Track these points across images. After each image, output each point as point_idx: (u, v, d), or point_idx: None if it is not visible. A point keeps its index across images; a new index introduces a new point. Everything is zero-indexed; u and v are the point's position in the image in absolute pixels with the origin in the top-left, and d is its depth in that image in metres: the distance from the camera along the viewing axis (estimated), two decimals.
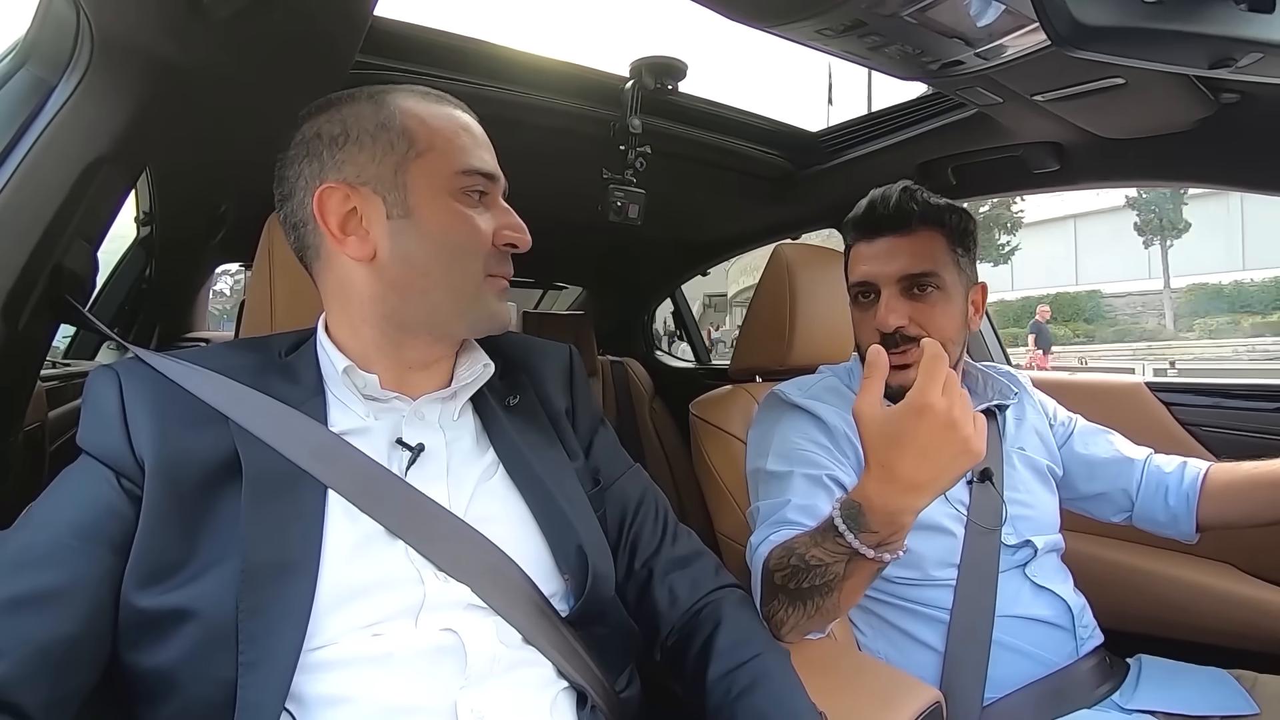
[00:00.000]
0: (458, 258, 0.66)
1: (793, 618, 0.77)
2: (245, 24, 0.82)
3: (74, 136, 0.75)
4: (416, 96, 0.69)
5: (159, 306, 2.05)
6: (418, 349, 0.70)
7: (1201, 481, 0.99)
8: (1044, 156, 1.25)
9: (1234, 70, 0.74)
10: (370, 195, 0.65)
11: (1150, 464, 1.05)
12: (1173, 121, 1.05)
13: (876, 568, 0.72)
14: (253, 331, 0.85)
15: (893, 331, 0.95)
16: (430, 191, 0.65)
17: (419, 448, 0.66)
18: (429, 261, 0.66)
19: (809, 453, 0.97)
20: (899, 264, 0.97)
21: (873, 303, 1.00)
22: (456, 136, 0.67)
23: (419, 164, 0.65)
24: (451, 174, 0.66)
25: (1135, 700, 0.91)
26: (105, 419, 0.59)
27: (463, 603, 0.60)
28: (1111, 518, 1.08)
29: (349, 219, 0.66)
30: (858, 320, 1.04)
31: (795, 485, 0.93)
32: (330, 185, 0.65)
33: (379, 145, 0.65)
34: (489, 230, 0.68)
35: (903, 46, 0.88)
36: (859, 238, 1.03)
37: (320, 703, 0.54)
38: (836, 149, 1.54)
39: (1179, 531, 1.01)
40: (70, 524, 0.55)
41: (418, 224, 0.65)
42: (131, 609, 0.54)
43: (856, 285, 1.02)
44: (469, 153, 0.67)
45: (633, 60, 1.23)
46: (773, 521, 0.90)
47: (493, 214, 0.69)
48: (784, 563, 0.77)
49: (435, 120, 0.67)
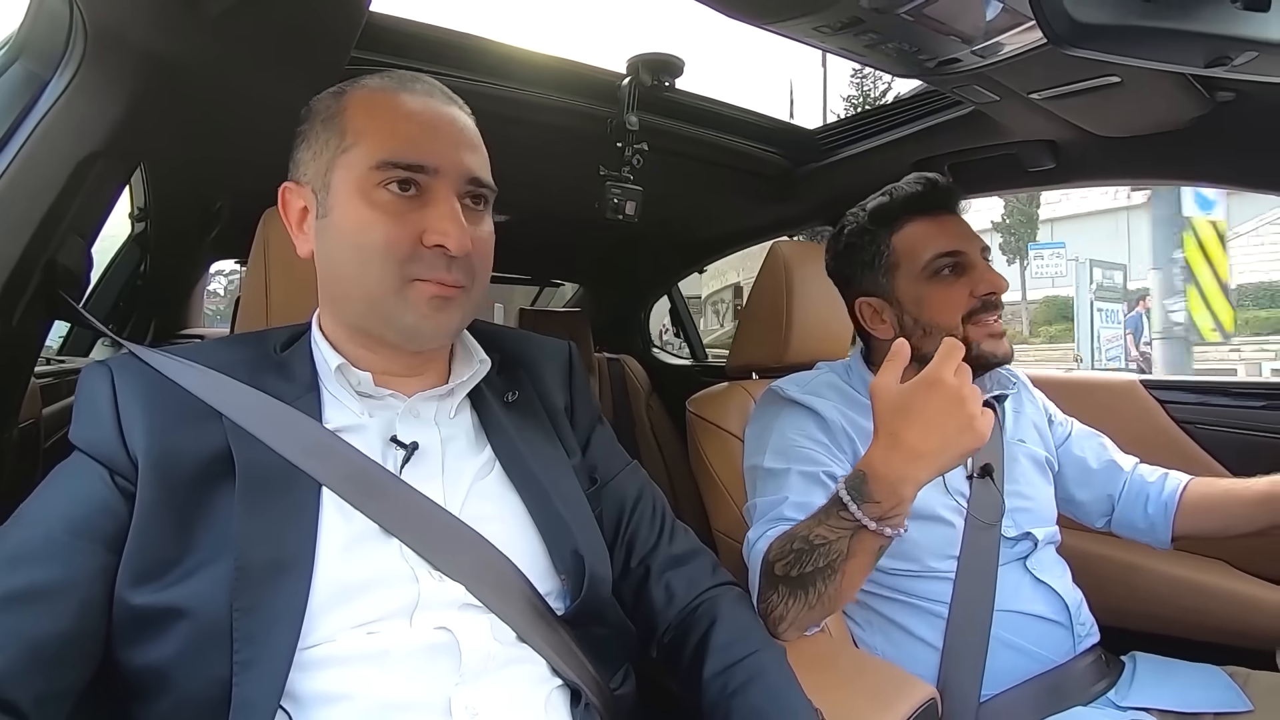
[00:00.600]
0: (366, 261, 0.61)
1: (792, 610, 0.77)
2: (240, 19, 0.82)
3: (68, 131, 0.75)
4: (379, 82, 0.66)
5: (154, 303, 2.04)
6: (383, 352, 0.68)
7: (1180, 493, 1.02)
8: (1040, 154, 1.26)
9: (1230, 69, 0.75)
10: (310, 194, 0.66)
11: (1135, 472, 1.08)
12: (1168, 120, 1.05)
13: (879, 545, 0.74)
14: (248, 327, 0.84)
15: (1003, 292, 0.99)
16: (346, 188, 0.62)
17: (413, 445, 0.65)
18: (342, 265, 0.64)
19: (806, 450, 0.97)
20: (976, 237, 1.02)
21: (959, 274, 0.99)
22: (390, 124, 0.62)
23: (344, 159, 0.63)
24: (365, 168, 0.61)
25: (1130, 698, 0.92)
26: (98, 415, 0.59)
27: (458, 601, 0.60)
28: (1094, 522, 1.10)
29: (301, 217, 0.67)
30: (941, 295, 0.99)
31: (792, 483, 0.93)
32: (288, 184, 0.67)
33: (319, 141, 0.65)
34: (406, 231, 0.61)
35: (900, 44, 0.88)
36: (913, 214, 1.02)
37: (316, 700, 0.54)
38: (833, 146, 1.54)
39: (1155, 539, 1.04)
40: (63, 520, 0.55)
41: (331, 224, 0.63)
42: (126, 606, 0.53)
43: (943, 256, 0.99)
44: (393, 143, 0.61)
45: (630, 57, 1.23)
46: (770, 518, 0.90)
47: (424, 212, 0.62)
48: (786, 549, 0.78)
49: (375, 108, 0.63)
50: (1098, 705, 0.91)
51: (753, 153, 1.53)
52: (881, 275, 1.04)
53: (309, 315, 0.73)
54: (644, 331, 2.92)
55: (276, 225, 0.85)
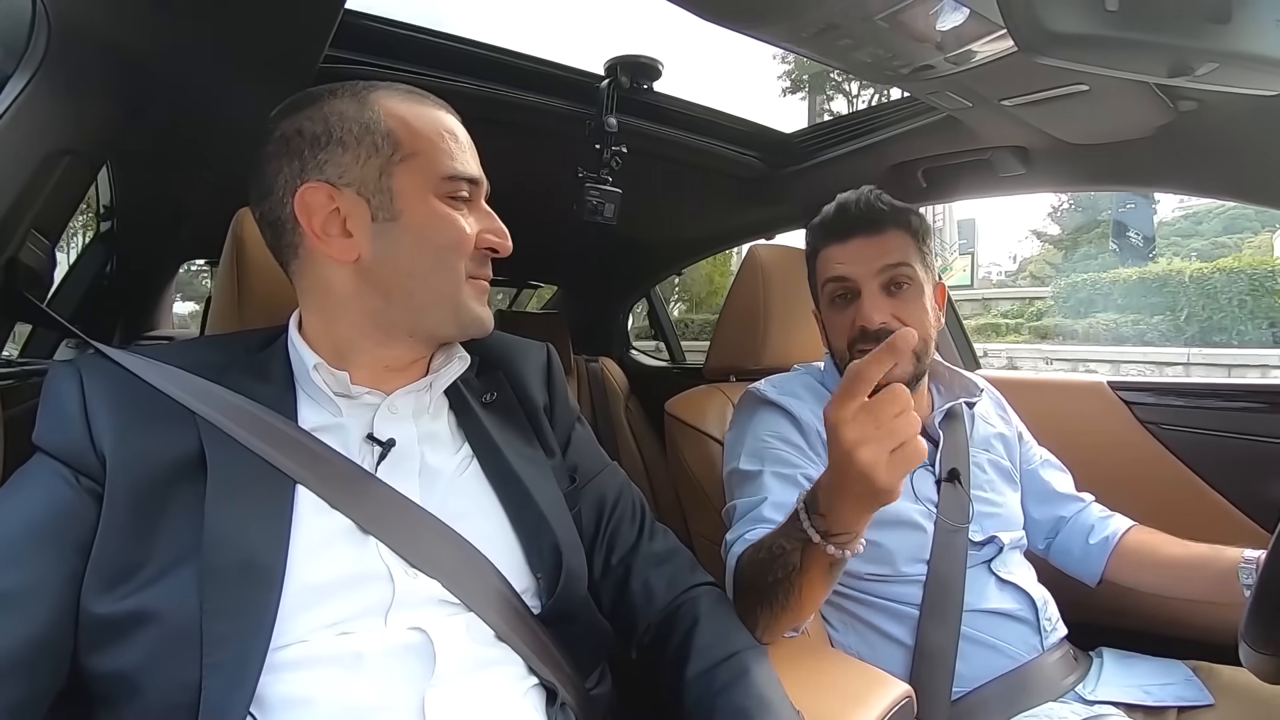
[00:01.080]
0: (443, 259, 0.66)
1: (763, 618, 0.78)
2: (210, 15, 0.80)
3: (30, 128, 0.73)
4: (399, 96, 0.68)
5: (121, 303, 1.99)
6: (398, 350, 0.69)
7: (1121, 535, 1.04)
8: (1011, 160, 1.28)
9: (1192, 79, 0.77)
10: (354, 197, 0.65)
11: (1088, 508, 1.11)
12: (1134, 127, 1.07)
13: (829, 563, 0.71)
14: (220, 329, 0.83)
15: (877, 328, 0.96)
16: (418, 194, 0.65)
17: (389, 442, 0.65)
18: (415, 263, 0.66)
19: (781, 452, 0.98)
20: (877, 261, 0.99)
21: (849, 302, 1.01)
22: (441, 140, 0.67)
23: (404, 167, 0.65)
24: (437, 178, 0.66)
25: (1098, 692, 0.94)
26: (65, 416, 0.58)
27: (433, 598, 0.60)
28: (1036, 543, 1.12)
29: (331, 219, 0.65)
30: (833, 321, 1.04)
31: (768, 483, 0.94)
32: (312, 185, 0.64)
33: (363, 147, 0.65)
34: (473, 232, 0.68)
35: (875, 50, 0.89)
36: (829, 239, 1.04)
37: (282, 705, 0.53)
38: (810, 150, 1.55)
39: (1085, 571, 1.06)
40: (28, 526, 0.53)
41: (405, 225, 0.65)
42: (92, 610, 0.52)
43: (833, 282, 1.03)
44: (454, 157, 0.67)
45: (608, 59, 1.23)
46: (749, 519, 0.90)
47: (475, 217, 0.69)
48: (754, 556, 0.79)
49: (419, 123, 0.67)
50: (1066, 700, 0.93)
51: (731, 155, 1.54)
52: (815, 292, 1.11)
53: (284, 316, 0.72)
54: (622, 333, 2.92)
55: (250, 225, 0.84)
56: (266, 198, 0.67)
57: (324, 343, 0.68)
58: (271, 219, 0.68)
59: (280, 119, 0.67)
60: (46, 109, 0.75)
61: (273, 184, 0.66)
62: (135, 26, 0.79)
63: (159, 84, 0.90)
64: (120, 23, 0.78)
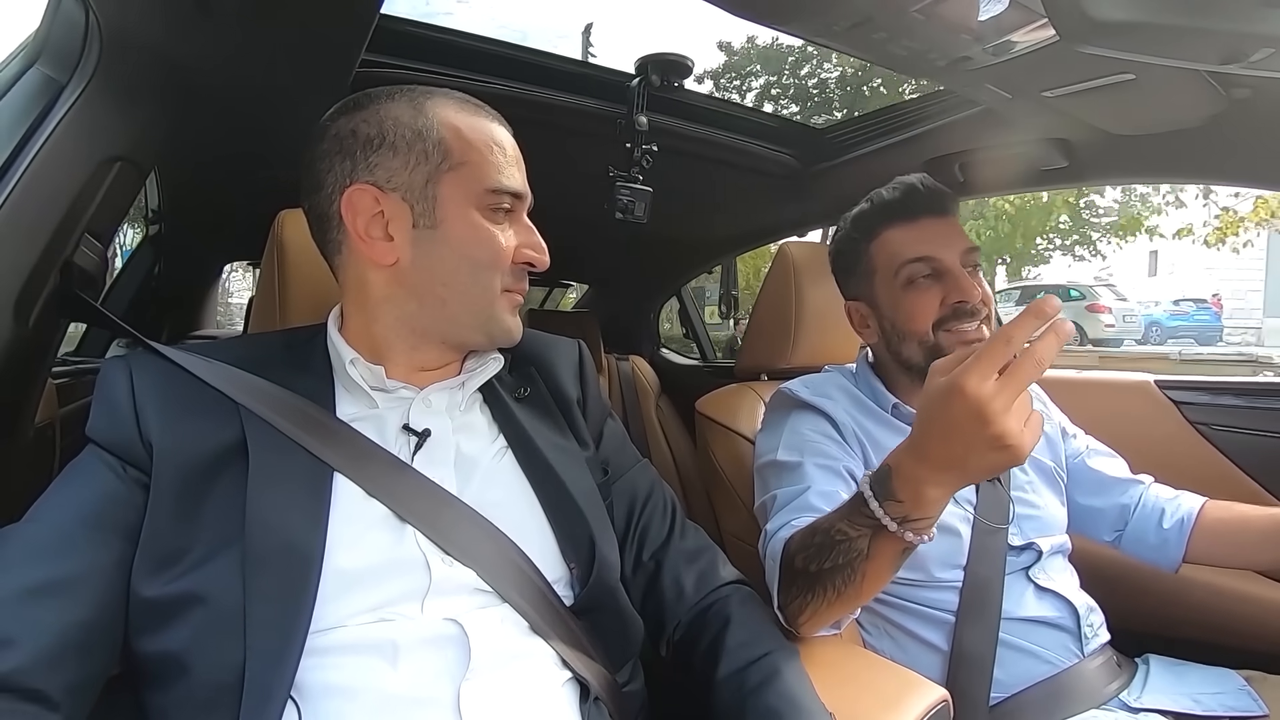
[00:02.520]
0: (478, 271, 0.67)
1: (811, 604, 0.75)
2: (252, 23, 0.82)
3: (84, 135, 0.76)
4: (455, 106, 0.69)
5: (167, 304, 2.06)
6: (430, 353, 0.71)
7: (1197, 514, 0.99)
8: (1052, 153, 1.24)
9: (1246, 65, 0.74)
10: (399, 202, 0.66)
11: (1151, 489, 1.06)
12: (1183, 117, 1.04)
13: (900, 549, 0.68)
14: (262, 327, 0.85)
15: (977, 304, 0.95)
16: (459, 205, 0.66)
17: (425, 433, 0.66)
18: (451, 273, 0.67)
19: (821, 444, 0.96)
20: (959, 240, 0.98)
21: (933, 281, 0.97)
22: (490, 153, 0.68)
23: (451, 177, 0.66)
24: (481, 191, 0.67)
25: (1143, 699, 0.91)
26: (115, 408, 0.60)
27: (469, 587, 0.61)
28: (1102, 536, 1.07)
29: (374, 222, 0.66)
30: (912, 302, 0.98)
31: (811, 473, 0.91)
32: (361, 186, 0.66)
33: (414, 153, 0.66)
34: (510, 247, 0.69)
35: (910, 42, 0.87)
36: (893, 220, 1.01)
37: (324, 693, 0.55)
38: (845, 146, 1.53)
39: (1165, 557, 1.00)
40: (80, 514, 0.56)
41: (444, 235, 0.66)
42: (141, 594, 0.55)
43: (914, 263, 0.98)
44: (500, 170, 0.68)
45: (639, 57, 1.23)
46: (793, 507, 0.87)
47: (515, 230, 0.70)
48: (808, 542, 0.75)
49: (471, 134, 0.68)
50: (1110, 706, 0.90)
51: (762, 153, 1.53)
52: (863, 281, 1.05)
53: (323, 315, 0.74)
54: (653, 332, 2.92)
55: (290, 227, 0.86)
56: (316, 193, 0.69)
57: (361, 339, 0.70)
58: (319, 214, 0.70)
59: (336, 118, 0.69)
60: (99, 117, 0.78)
61: (323, 180, 0.68)
62: (182, 35, 0.81)
63: (204, 90, 0.92)
64: (169, 32, 0.81)
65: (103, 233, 0.86)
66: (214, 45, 0.85)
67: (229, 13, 0.79)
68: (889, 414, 1.02)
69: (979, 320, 0.96)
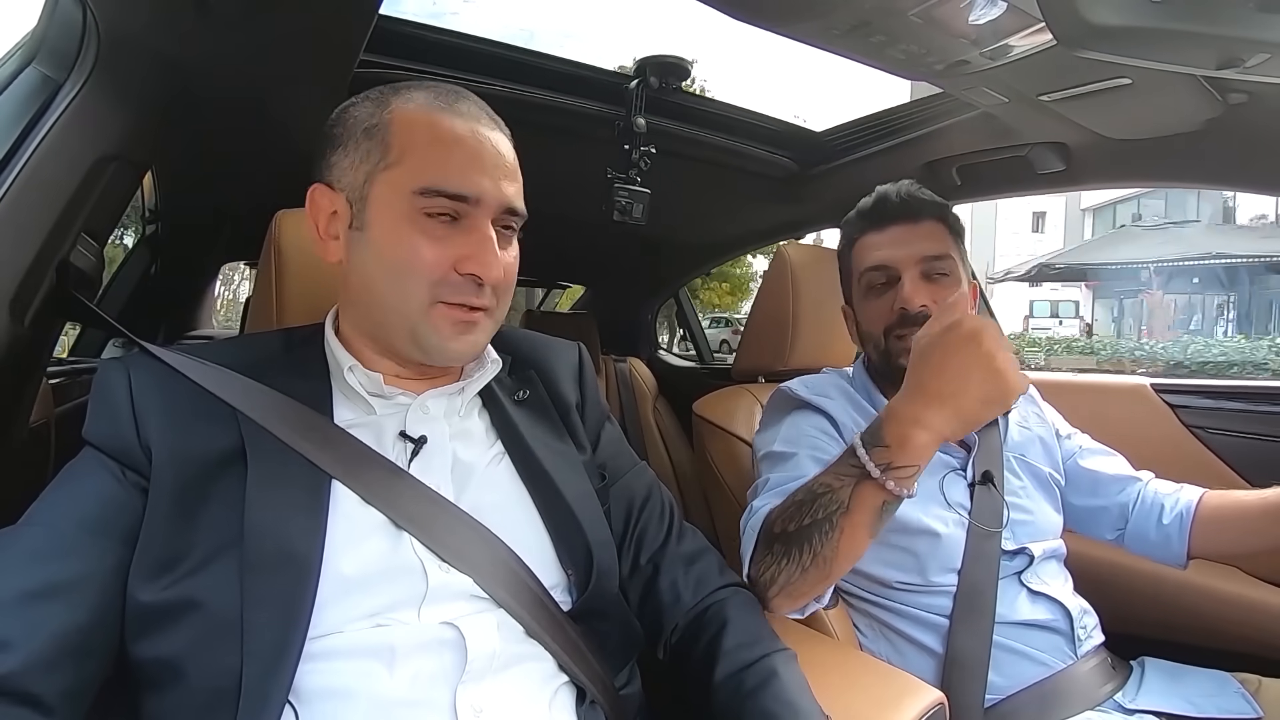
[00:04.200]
0: (397, 280, 0.63)
1: (784, 572, 0.77)
2: (250, 23, 0.82)
3: (80, 134, 0.76)
4: (424, 101, 0.65)
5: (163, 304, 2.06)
6: (391, 359, 0.69)
7: (1196, 506, 0.99)
8: (1050, 157, 1.25)
9: (1242, 70, 0.74)
10: (344, 202, 0.65)
11: (1149, 485, 1.05)
12: (1180, 122, 1.04)
13: (880, 501, 0.72)
14: (258, 328, 0.85)
15: (917, 311, 0.96)
16: (385, 206, 0.63)
17: (421, 439, 0.66)
18: (373, 278, 0.64)
19: (817, 439, 0.98)
20: (917, 247, 0.99)
21: (888, 288, 1.00)
22: (432, 149, 0.63)
23: (385, 175, 0.63)
24: (409, 191, 0.62)
25: (1138, 701, 0.91)
26: (114, 411, 0.60)
27: (465, 593, 0.61)
28: (1104, 535, 1.07)
29: (332, 221, 0.66)
30: (869, 308, 1.03)
31: (805, 464, 0.93)
32: (318, 185, 0.66)
33: (360, 150, 0.64)
34: (443, 257, 0.62)
35: (908, 46, 0.88)
36: (867, 228, 1.04)
37: (320, 696, 0.54)
38: (842, 149, 1.53)
39: (1170, 553, 0.99)
40: (78, 517, 0.56)
41: (368, 238, 0.64)
42: (138, 599, 0.54)
43: (871, 270, 1.02)
44: (439, 170, 0.62)
45: (637, 59, 1.24)
46: (780, 490, 0.89)
47: (461, 240, 0.63)
48: (789, 504, 0.79)
49: (416, 129, 0.63)
50: (1104, 708, 0.90)
51: (761, 155, 1.53)
52: (847, 287, 1.11)
53: (319, 316, 0.74)
54: (651, 333, 2.92)
55: (287, 227, 0.86)
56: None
57: (354, 341, 0.70)
58: None
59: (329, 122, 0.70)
60: (96, 116, 0.77)
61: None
62: (180, 35, 0.81)
63: (201, 90, 0.92)
64: (166, 31, 0.80)
65: (99, 232, 0.86)
66: (212, 45, 0.85)
67: (227, 12, 0.78)
68: None
69: None
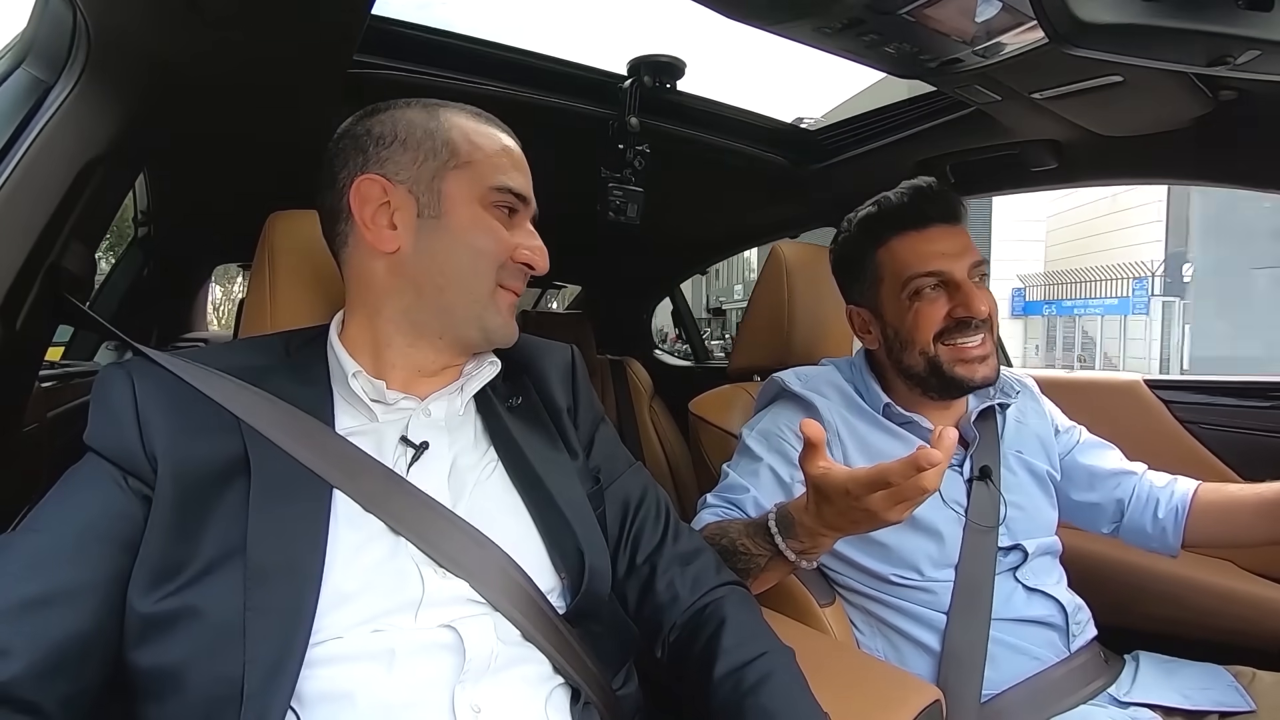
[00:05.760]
0: (478, 260, 0.69)
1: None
2: (242, 23, 0.82)
3: (71, 136, 0.75)
4: (467, 114, 0.73)
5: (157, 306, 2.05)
6: (428, 353, 0.71)
7: (1190, 498, 1.00)
8: (1042, 154, 1.25)
9: (1232, 68, 0.75)
10: (405, 194, 0.68)
11: (1144, 478, 1.06)
12: (1171, 119, 1.05)
13: (789, 569, 0.83)
14: (252, 330, 0.84)
15: (985, 317, 0.95)
16: (464, 198, 0.69)
17: (423, 445, 0.66)
18: (450, 260, 0.69)
19: (786, 442, 0.99)
20: (968, 253, 0.97)
21: (938, 294, 0.97)
22: (496, 155, 0.71)
23: (456, 174, 0.69)
24: (486, 188, 0.69)
25: (1133, 694, 0.91)
26: (118, 418, 0.59)
27: (462, 598, 0.61)
28: (1101, 528, 1.08)
29: (380, 211, 0.68)
30: (917, 313, 0.98)
31: (764, 479, 0.97)
32: (370, 176, 0.68)
33: (423, 150, 0.69)
34: (510, 243, 0.71)
35: (901, 44, 0.88)
36: (903, 228, 0.99)
37: (321, 700, 0.55)
38: (835, 148, 1.54)
39: (1164, 545, 1.01)
40: (80, 525, 0.55)
41: (446, 225, 0.69)
42: (136, 611, 0.54)
43: (923, 276, 0.97)
44: (505, 172, 0.71)
45: (631, 59, 1.23)
46: (730, 501, 0.97)
47: (517, 232, 0.72)
48: (717, 540, 0.86)
49: (479, 137, 0.71)
50: (1099, 702, 0.91)
51: (755, 154, 1.53)
52: (868, 287, 1.04)
53: (313, 317, 0.74)
54: (647, 333, 2.92)
55: (281, 228, 0.85)
56: (328, 189, 0.71)
57: (363, 344, 0.70)
58: (329, 209, 0.72)
59: (353, 122, 0.72)
60: (87, 118, 0.77)
61: (335, 177, 0.70)
62: (172, 35, 0.81)
63: (193, 91, 0.92)
64: (157, 33, 0.80)
65: (90, 235, 0.86)
66: (204, 45, 0.84)
67: (219, 13, 0.78)
68: (879, 414, 1.02)
69: (983, 334, 0.97)
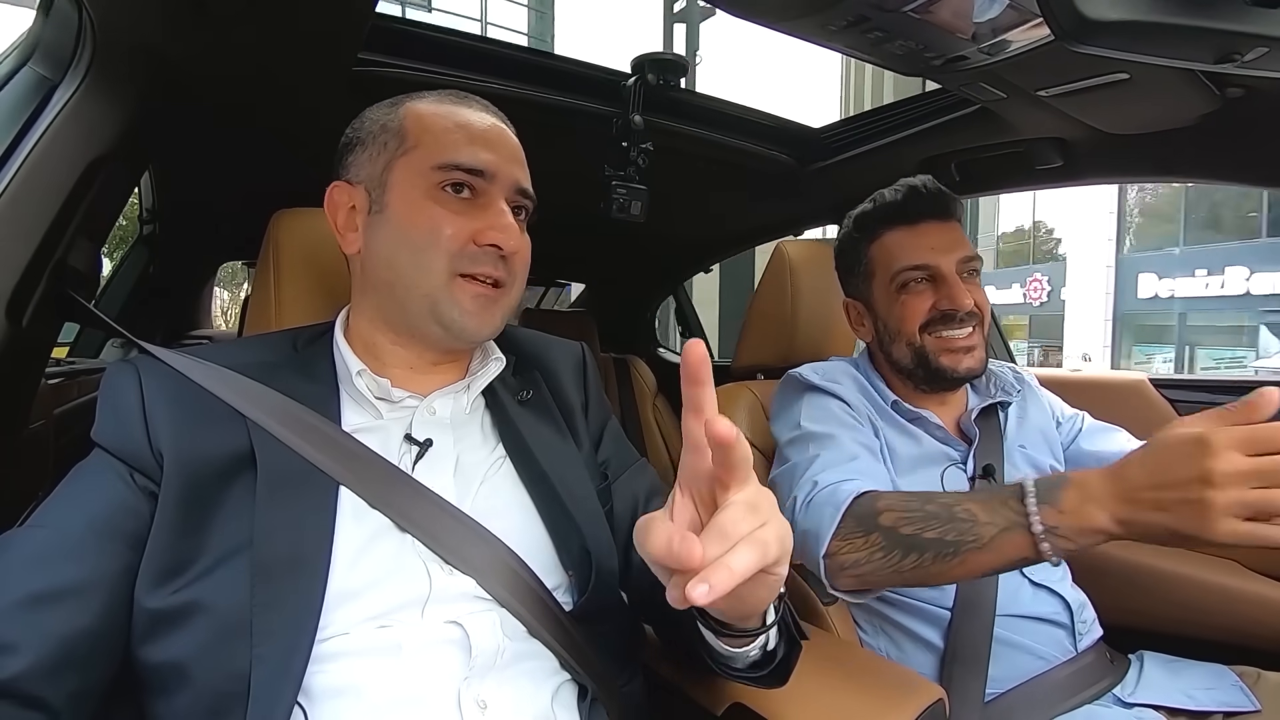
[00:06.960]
0: (418, 252, 0.65)
1: (873, 563, 0.74)
2: (247, 22, 0.82)
3: (77, 134, 0.76)
4: (433, 99, 0.70)
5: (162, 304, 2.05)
6: (412, 350, 0.71)
7: None
8: (1048, 152, 1.25)
9: (1239, 65, 0.74)
10: (363, 193, 0.68)
11: None
12: (1177, 117, 1.04)
13: (1021, 557, 0.67)
14: (257, 328, 0.85)
15: (969, 310, 0.97)
16: (404, 186, 0.66)
17: (427, 443, 0.66)
18: (393, 256, 0.66)
19: (844, 419, 0.98)
20: (958, 248, 0.99)
21: (925, 286, 1.00)
22: (446, 133, 0.67)
23: (403, 160, 0.67)
24: (427, 169, 0.66)
25: (1137, 694, 0.91)
26: (125, 414, 0.60)
27: (468, 594, 0.61)
28: None
29: (350, 216, 0.69)
30: (903, 306, 1.01)
31: (849, 445, 0.92)
32: (337, 184, 0.69)
33: (376, 145, 0.68)
34: (462, 229, 0.65)
35: (906, 42, 0.88)
36: (895, 223, 1.03)
37: (328, 694, 0.55)
38: (840, 145, 1.53)
39: None
40: (87, 520, 0.56)
41: (388, 218, 0.67)
42: (143, 607, 0.54)
43: (910, 269, 1.00)
44: (456, 148, 0.66)
45: (635, 57, 1.23)
46: (850, 469, 0.87)
47: (479, 214, 0.66)
48: (910, 504, 0.75)
49: (432, 117, 0.68)
50: (1103, 702, 0.91)
51: (759, 152, 1.53)
52: (862, 281, 1.08)
53: (318, 315, 0.74)
54: (650, 331, 2.92)
55: (285, 226, 0.86)
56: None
57: (360, 341, 0.70)
58: None
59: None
60: (92, 116, 0.77)
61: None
62: (177, 34, 0.81)
63: (199, 89, 0.92)
64: (163, 30, 0.80)
65: (96, 233, 0.86)
66: (209, 44, 0.85)
67: (224, 11, 0.78)
68: (890, 409, 1.03)
69: (970, 326, 0.98)
